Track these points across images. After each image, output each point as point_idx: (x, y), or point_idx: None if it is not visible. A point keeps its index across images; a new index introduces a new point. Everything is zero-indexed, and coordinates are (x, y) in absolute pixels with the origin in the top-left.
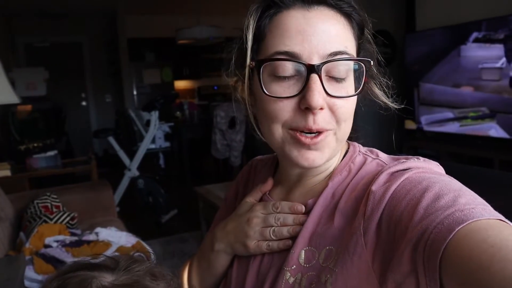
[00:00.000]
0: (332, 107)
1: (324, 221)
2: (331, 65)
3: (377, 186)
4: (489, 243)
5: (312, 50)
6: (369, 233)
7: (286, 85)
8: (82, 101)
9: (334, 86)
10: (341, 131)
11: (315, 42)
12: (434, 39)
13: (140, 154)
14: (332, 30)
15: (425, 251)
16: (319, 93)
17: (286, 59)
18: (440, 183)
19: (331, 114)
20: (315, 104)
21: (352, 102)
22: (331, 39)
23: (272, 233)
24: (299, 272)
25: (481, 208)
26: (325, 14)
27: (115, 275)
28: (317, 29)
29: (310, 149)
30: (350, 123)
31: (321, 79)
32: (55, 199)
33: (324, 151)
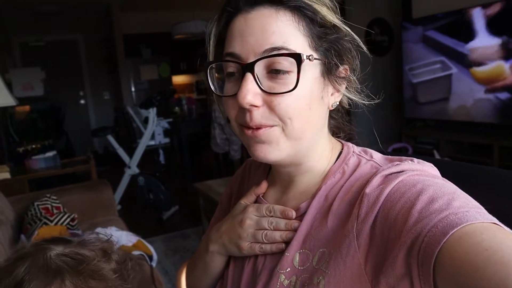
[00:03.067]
0: (270, 104)
1: (318, 223)
2: (269, 62)
3: (371, 188)
4: (484, 246)
5: (248, 49)
6: (363, 235)
7: (232, 84)
8: (81, 99)
9: (275, 83)
10: (289, 129)
11: (251, 41)
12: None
13: (140, 151)
14: (269, 28)
15: (419, 254)
16: (247, 91)
17: (225, 60)
18: (434, 186)
19: (270, 111)
20: (241, 102)
21: (296, 98)
22: (267, 36)
23: (264, 236)
24: (293, 274)
25: (475, 211)
26: (263, 14)
27: (65, 247)
28: (254, 28)
29: (257, 142)
30: (303, 121)
31: (254, 76)
32: (55, 200)
33: (274, 146)
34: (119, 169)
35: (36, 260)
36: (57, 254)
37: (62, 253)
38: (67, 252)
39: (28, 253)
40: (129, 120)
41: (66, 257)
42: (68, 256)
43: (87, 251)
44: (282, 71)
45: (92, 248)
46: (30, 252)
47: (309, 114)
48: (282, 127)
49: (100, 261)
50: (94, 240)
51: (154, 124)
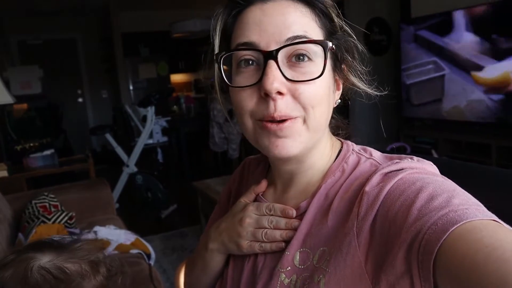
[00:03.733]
0: (294, 92)
1: (318, 222)
2: (292, 49)
3: (371, 187)
4: (484, 243)
5: (269, 38)
6: (363, 234)
7: (248, 75)
8: (79, 97)
9: (297, 72)
10: (311, 119)
11: (271, 30)
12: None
13: (138, 150)
14: (289, 17)
15: (419, 252)
16: (274, 77)
17: (243, 48)
18: (434, 183)
19: (294, 100)
20: (269, 88)
21: (319, 87)
22: (288, 25)
23: (264, 235)
24: (294, 273)
25: (475, 209)
26: (281, 4)
27: (53, 257)
28: (273, 18)
29: (279, 136)
30: (322, 111)
31: (278, 64)
32: (53, 198)
33: (296, 139)
34: (117, 167)
35: (18, 270)
36: (39, 267)
37: (44, 267)
38: (49, 266)
39: (13, 261)
40: (128, 118)
41: (47, 272)
42: (49, 272)
43: (73, 265)
44: (306, 56)
45: (81, 260)
46: (15, 259)
47: (327, 105)
48: (304, 118)
49: (83, 280)
50: (86, 252)
51: (153, 123)
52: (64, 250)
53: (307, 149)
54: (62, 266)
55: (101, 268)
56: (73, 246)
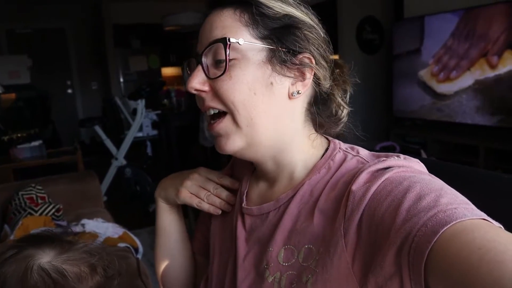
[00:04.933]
0: (214, 89)
1: (303, 218)
2: (214, 51)
3: (357, 186)
4: (476, 245)
5: (201, 45)
6: (349, 234)
7: None
8: (68, 88)
9: (218, 69)
10: (236, 116)
11: (203, 39)
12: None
13: (127, 143)
14: (214, 24)
15: (410, 254)
16: (193, 77)
17: (188, 56)
18: (421, 182)
19: (214, 95)
20: (188, 86)
21: (236, 83)
22: (212, 31)
23: (206, 196)
24: (278, 271)
25: (464, 208)
26: (213, 14)
27: (53, 257)
28: (205, 27)
29: (215, 135)
30: (247, 105)
31: (202, 65)
32: (40, 190)
33: (229, 137)
34: (106, 160)
35: (18, 268)
36: (39, 267)
37: (43, 268)
38: (49, 268)
39: (14, 257)
40: (117, 111)
41: (46, 274)
42: (48, 274)
43: (72, 267)
44: (221, 59)
45: (80, 262)
46: (17, 255)
47: (256, 100)
48: (232, 116)
49: (80, 283)
50: (86, 255)
51: (143, 116)
52: (64, 249)
53: (253, 146)
54: (61, 268)
55: (99, 269)
56: (74, 246)
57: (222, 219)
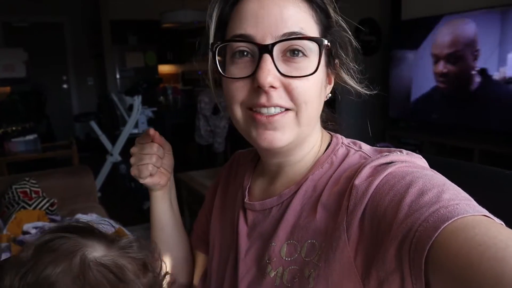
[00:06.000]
0: (288, 87)
1: (306, 214)
2: (287, 45)
3: (360, 180)
4: (477, 241)
5: (265, 31)
6: (352, 228)
7: (242, 66)
8: (64, 83)
9: (291, 67)
10: (302, 113)
11: (267, 23)
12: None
13: (123, 139)
14: (286, 12)
15: (411, 249)
16: (268, 71)
17: (239, 40)
18: (424, 178)
19: (287, 94)
20: (263, 82)
21: (313, 84)
22: (285, 20)
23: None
24: (280, 265)
25: (465, 204)
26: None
27: (106, 251)
28: (270, 11)
29: (267, 128)
30: (314, 107)
31: (273, 58)
32: (34, 184)
33: (285, 132)
34: (100, 156)
35: (72, 264)
36: (96, 262)
37: (102, 263)
38: (108, 263)
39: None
40: (113, 107)
41: (107, 270)
42: (109, 270)
43: (130, 264)
44: (301, 52)
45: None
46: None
47: (319, 101)
48: (296, 112)
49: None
50: (135, 249)
51: (139, 112)
52: (112, 241)
53: (296, 143)
54: (121, 263)
55: (149, 266)
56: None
57: (222, 214)
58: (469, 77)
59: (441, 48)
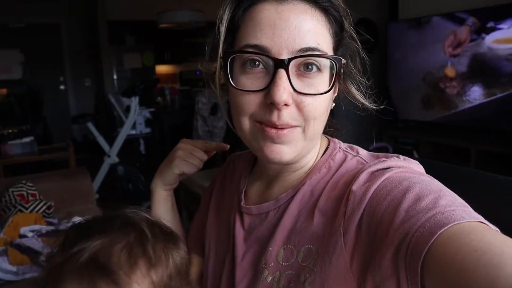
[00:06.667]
0: (300, 104)
1: (303, 218)
2: (302, 61)
3: (358, 185)
4: (473, 247)
5: (281, 44)
6: (349, 233)
7: (254, 78)
8: (60, 85)
9: (304, 83)
10: (310, 129)
11: (285, 36)
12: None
13: (120, 140)
14: (304, 25)
15: (407, 254)
16: (284, 89)
17: (254, 52)
18: (421, 183)
19: (298, 111)
20: (278, 100)
21: (323, 100)
22: (303, 34)
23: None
24: (277, 270)
25: (462, 210)
26: (298, 8)
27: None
28: (288, 23)
29: (275, 142)
30: (322, 121)
31: (288, 74)
32: (31, 187)
33: (292, 146)
34: (98, 157)
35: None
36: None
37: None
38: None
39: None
40: (110, 108)
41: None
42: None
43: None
44: (316, 67)
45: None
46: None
47: (326, 114)
48: (303, 128)
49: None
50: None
51: (136, 113)
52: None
53: (302, 155)
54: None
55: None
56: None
57: (218, 217)
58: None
59: (439, 47)
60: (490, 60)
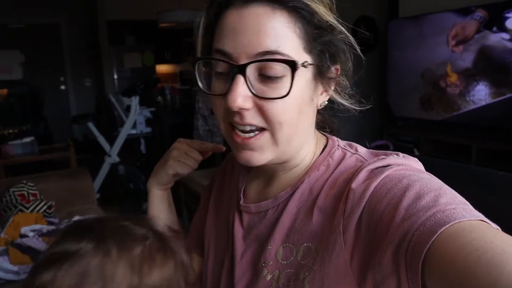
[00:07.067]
0: (261, 108)
1: (302, 217)
2: (262, 65)
3: (357, 183)
4: (474, 246)
5: (241, 49)
6: (348, 232)
7: (222, 83)
8: (61, 85)
9: (267, 86)
10: (279, 133)
11: (244, 40)
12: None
13: (121, 140)
14: (264, 28)
15: (407, 253)
16: (237, 94)
17: (215, 58)
18: (421, 181)
19: (262, 115)
20: (230, 105)
21: (289, 104)
22: (262, 38)
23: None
24: (276, 269)
25: (462, 208)
26: (258, 11)
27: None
28: (248, 27)
29: (244, 148)
30: (292, 125)
31: (245, 79)
32: (32, 187)
33: (263, 153)
34: (99, 157)
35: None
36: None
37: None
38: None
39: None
40: (111, 108)
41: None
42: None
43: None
44: (273, 77)
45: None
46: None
47: (299, 118)
48: (272, 132)
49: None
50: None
51: (136, 113)
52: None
53: (283, 160)
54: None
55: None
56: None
57: (217, 216)
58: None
59: (440, 45)
60: (499, 54)
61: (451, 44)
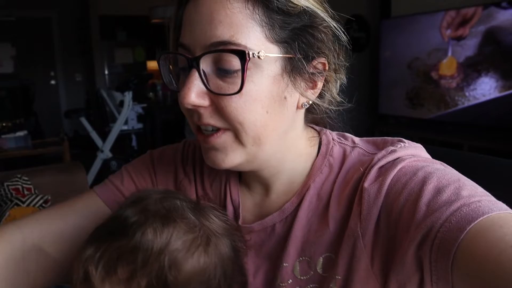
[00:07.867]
0: (218, 105)
1: (316, 227)
2: (217, 57)
3: (369, 182)
4: (507, 241)
5: (195, 40)
6: (368, 234)
7: (184, 78)
8: (51, 79)
9: (224, 81)
10: (242, 134)
11: (198, 32)
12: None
13: (114, 136)
14: (217, 17)
15: (433, 251)
16: (189, 90)
17: (173, 52)
18: (437, 173)
19: (219, 113)
20: (181, 101)
21: (248, 101)
22: (214, 26)
23: None
24: (297, 286)
25: (487, 201)
26: (215, 0)
27: None
28: (201, 17)
29: (208, 148)
30: (257, 125)
31: (200, 73)
32: (26, 181)
33: (227, 153)
34: (89, 152)
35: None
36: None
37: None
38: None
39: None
40: (103, 103)
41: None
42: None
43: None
44: (229, 70)
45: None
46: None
47: (267, 118)
48: (235, 133)
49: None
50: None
51: (130, 108)
52: None
53: (255, 161)
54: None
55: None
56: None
57: None
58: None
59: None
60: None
61: (444, 26)
